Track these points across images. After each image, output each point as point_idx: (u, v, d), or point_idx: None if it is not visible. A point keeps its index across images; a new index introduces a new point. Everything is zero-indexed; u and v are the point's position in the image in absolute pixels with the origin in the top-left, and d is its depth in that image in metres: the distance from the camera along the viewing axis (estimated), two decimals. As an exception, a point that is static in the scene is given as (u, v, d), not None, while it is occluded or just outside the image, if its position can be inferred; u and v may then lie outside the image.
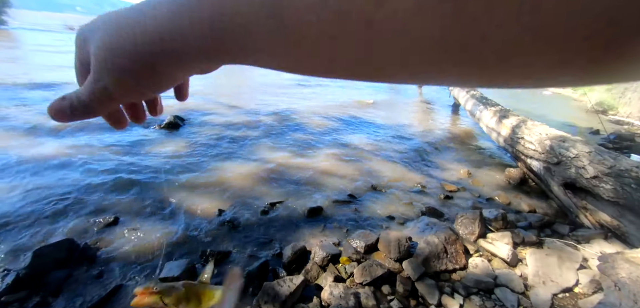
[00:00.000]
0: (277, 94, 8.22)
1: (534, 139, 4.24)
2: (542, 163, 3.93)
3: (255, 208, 2.93)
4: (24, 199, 2.63)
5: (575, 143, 3.62)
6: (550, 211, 3.70)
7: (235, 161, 3.89)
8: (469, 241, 2.64)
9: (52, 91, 5.72)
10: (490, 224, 2.93)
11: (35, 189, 2.77)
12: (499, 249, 2.44)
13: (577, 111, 16.27)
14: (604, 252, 2.47)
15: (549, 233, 3.00)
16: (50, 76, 6.94)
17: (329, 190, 3.48)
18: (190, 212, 2.75)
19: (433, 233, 2.49)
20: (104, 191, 2.89)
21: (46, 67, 8.17)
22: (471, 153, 5.74)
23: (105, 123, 0.37)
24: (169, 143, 4.15)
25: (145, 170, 3.35)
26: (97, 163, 3.35)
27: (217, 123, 5.16)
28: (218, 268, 2.17)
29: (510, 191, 4.16)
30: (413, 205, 3.38)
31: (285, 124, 5.66)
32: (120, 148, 3.78)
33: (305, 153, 4.48)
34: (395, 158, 4.83)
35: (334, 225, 2.85)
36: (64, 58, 9.27)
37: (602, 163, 3.09)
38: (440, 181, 4.15)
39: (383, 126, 6.67)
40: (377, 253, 2.39)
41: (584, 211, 3.17)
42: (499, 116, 5.52)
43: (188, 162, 3.65)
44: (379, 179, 3.94)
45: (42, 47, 11.56)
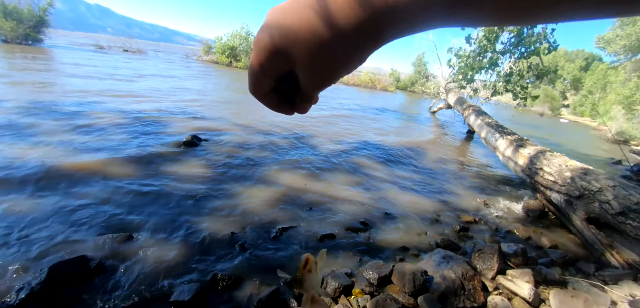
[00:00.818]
0: (290, 119, 8.34)
1: (553, 170, 4.12)
2: (563, 195, 3.80)
3: (267, 232, 2.91)
4: (44, 212, 2.70)
5: (598, 175, 3.50)
6: (573, 247, 3.53)
7: (249, 183, 3.92)
8: (487, 277, 2.53)
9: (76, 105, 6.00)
10: (510, 259, 2.81)
11: (54, 203, 2.84)
12: (519, 287, 2.33)
13: (597, 141, 15.79)
14: (634, 295, 2.32)
15: (572, 272, 2.85)
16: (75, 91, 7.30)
17: (342, 216, 3.44)
18: (203, 233, 2.76)
19: (449, 267, 2.41)
20: (120, 208, 2.94)
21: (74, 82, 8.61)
22: (487, 182, 5.61)
23: (122, 140, 0.39)
24: (186, 161, 4.23)
25: (162, 188, 3.40)
26: (113, 179, 3.44)
27: (232, 143, 5.25)
28: (228, 293, 2.15)
29: (529, 224, 4.00)
30: (427, 235, 3.29)
31: (298, 147, 5.70)
32: (137, 165, 3.87)
33: (317, 177, 4.47)
34: (409, 185, 4.76)
35: (346, 252, 2.80)
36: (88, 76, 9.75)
37: (628, 198, 2.96)
38: (456, 211, 4.05)
39: (396, 151, 6.63)
40: (391, 286, 2.31)
41: (611, 249, 3.01)
42: (516, 145, 5.41)
43: (203, 182, 3.70)
44: (393, 207, 3.87)
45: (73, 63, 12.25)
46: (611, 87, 28.19)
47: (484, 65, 7.81)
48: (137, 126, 5.39)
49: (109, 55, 18.90)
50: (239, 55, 26.20)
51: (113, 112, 6.00)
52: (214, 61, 26.28)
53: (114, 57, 18.03)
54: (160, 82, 10.87)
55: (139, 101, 7.30)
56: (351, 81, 28.50)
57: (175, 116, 6.51)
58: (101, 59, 15.63)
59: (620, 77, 27.75)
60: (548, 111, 33.18)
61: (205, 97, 9.33)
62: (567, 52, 42.62)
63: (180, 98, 8.49)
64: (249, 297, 2.13)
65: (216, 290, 2.16)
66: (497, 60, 7.96)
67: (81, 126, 4.92)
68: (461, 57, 8.07)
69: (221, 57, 25.86)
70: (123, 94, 7.83)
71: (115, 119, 5.58)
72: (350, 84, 27.54)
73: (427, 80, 27.83)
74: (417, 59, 30.94)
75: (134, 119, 5.72)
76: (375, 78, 29.28)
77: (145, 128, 5.34)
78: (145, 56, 23.30)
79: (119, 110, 6.20)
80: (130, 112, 6.13)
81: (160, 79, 11.67)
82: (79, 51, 18.81)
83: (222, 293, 2.15)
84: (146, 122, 5.70)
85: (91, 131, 4.80)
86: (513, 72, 8.22)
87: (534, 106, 32.20)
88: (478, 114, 8.50)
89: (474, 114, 8.77)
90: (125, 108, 6.41)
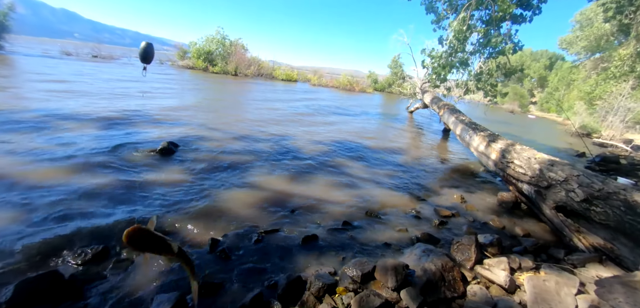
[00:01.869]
0: (271, 123, 8.27)
1: (523, 163, 4.32)
2: (533, 186, 3.99)
3: (248, 237, 2.86)
4: (9, 226, 2.52)
5: (563, 166, 3.71)
6: (544, 234, 3.72)
7: (229, 188, 3.84)
8: (465, 267, 2.61)
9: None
10: (486, 249, 2.92)
11: (22, 217, 2.66)
12: (496, 275, 2.42)
13: (562, 135, 16.76)
14: (600, 276, 2.47)
15: (544, 258, 3.00)
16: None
17: (324, 217, 3.44)
18: (182, 241, 2.67)
19: (430, 260, 2.46)
20: (93, 220, 2.79)
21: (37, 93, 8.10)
22: (463, 177, 5.80)
23: (90, 150, 0.36)
24: (162, 169, 4.08)
25: (137, 198, 3.26)
26: (85, 189, 3.26)
27: (210, 149, 5.13)
28: (210, 300, 2.09)
29: (503, 215, 4.18)
30: (408, 231, 3.36)
31: (278, 150, 5.66)
32: (111, 174, 3.70)
33: (299, 179, 4.46)
34: (389, 183, 4.84)
35: (329, 252, 2.80)
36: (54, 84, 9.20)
37: (591, 186, 3.15)
38: (434, 206, 4.16)
39: (376, 151, 6.73)
40: (374, 282, 2.33)
41: (578, 234, 3.19)
42: (488, 140, 5.64)
43: (181, 189, 3.58)
44: (374, 206, 3.92)
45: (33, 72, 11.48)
46: (574, 84, 30.06)
47: (455, 64, 8.11)
48: (107, 134, 5.15)
49: (77, 62, 17.97)
50: (215, 59, 25.72)
51: (79, 120, 5.70)
52: (189, 66, 25.63)
53: (81, 63, 17.16)
54: (132, 88, 10.46)
55: (108, 108, 6.97)
56: (330, 84, 28.70)
57: (149, 123, 6.28)
58: (67, 65, 14.84)
59: (581, 75, 29.64)
60: (517, 108, 34.86)
61: (181, 103, 9.07)
62: (532, 52, 45.01)
63: (154, 104, 8.20)
64: (231, 302, 2.08)
65: (198, 297, 2.09)
66: (467, 59, 8.28)
67: (44, 136, 4.64)
68: (434, 58, 8.33)
69: (197, 62, 25.29)
70: (90, 101, 7.46)
71: (82, 128, 5.30)
72: (329, 86, 27.73)
73: (404, 81, 28.50)
74: (393, 61, 31.62)
75: (102, 128, 5.46)
76: (354, 80, 29.64)
77: (116, 136, 5.11)
78: (115, 61, 22.34)
79: (87, 118, 5.90)
80: (98, 121, 5.85)
81: (132, 85, 11.23)
82: (43, 58, 17.74)
83: (204, 300, 2.09)
84: (117, 130, 5.46)
85: (55, 140, 4.53)
86: (483, 71, 8.59)
87: (505, 104, 33.77)
88: (452, 112, 8.80)
89: (448, 112, 9.07)
90: (94, 116, 6.11)
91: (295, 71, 30.82)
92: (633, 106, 17.38)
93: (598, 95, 20.71)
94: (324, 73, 32.76)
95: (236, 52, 25.99)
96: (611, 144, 14.31)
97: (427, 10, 8.64)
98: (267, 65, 28.77)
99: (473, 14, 7.71)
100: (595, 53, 28.42)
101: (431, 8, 8.56)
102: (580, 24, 29.51)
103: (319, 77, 30.36)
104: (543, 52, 44.69)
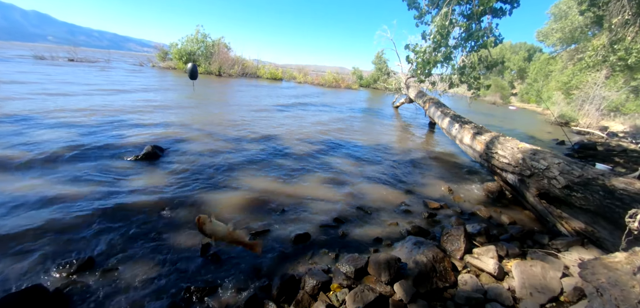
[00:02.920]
0: (258, 120, 8.19)
1: (507, 153, 4.44)
2: (517, 175, 4.11)
3: (240, 239, 2.83)
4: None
5: (545, 154, 3.83)
6: (529, 221, 3.84)
7: (217, 190, 3.78)
8: (455, 257, 2.67)
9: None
10: (475, 239, 2.99)
11: (5, 229, 2.54)
12: (485, 263, 2.48)
13: (543, 124, 17.32)
14: (583, 259, 2.57)
15: (530, 244, 3.09)
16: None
17: (315, 215, 3.44)
18: (171, 248, 2.61)
19: (421, 252, 2.50)
20: (78, 230, 2.69)
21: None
22: (450, 169, 5.92)
23: (71, 159, 0.34)
24: (148, 175, 3.98)
25: (123, 205, 3.17)
26: (69, 199, 3.14)
27: (197, 151, 5.03)
28: (205, 305, 2.06)
29: (490, 205, 4.29)
30: (399, 224, 3.40)
31: (266, 149, 5.61)
32: (94, 182, 3.57)
33: (288, 178, 4.44)
34: (378, 178, 4.89)
35: (322, 250, 2.80)
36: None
37: (571, 173, 3.27)
38: (423, 199, 4.23)
39: (364, 147, 6.77)
40: (367, 277, 2.35)
41: (560, 220, 3.31)
42: (473, 132, 5.76)
43: (168, 194, 3.50)
44: (364, 201, 3.95)
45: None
46: (552, 75, 31.10)
47: (439, 59, 8.24)
48: (87, 141, 4.97)
49: (49, 66, 17.22)
50: (197, 60, 25.22)
51: (57, 128, 5.48)
52: (171, 67, 25.05)
53: (53, 67, 16.47)
54: (112, 92, 10.13)
55: (86, 114, 6.74)
56: (316, 81, 28.66)
57: (132, 127, 6.11)
58: (39, 70, 14.21)
59: (558, 66, 30.67)
60: (499, 100, 35.77)
61: (164, 105, 8.85)
62: (511, 44, 46.29)
63: (135, 108, 7.98)
64: (225, 306, 2.05)
65: (190, 303, 2.06)
66: (450, 54, 8.43)
67: (21, 145, 4.44)
68: (418, 53, 8.44)
69: (178, 63, 24.75)
70: (68, 107, 7.18)
71: (61, 136, 5.10)
72: (315, 84, 27.68)
73: (389, 76, 28.77)
74: (377, 57, 31.83)
75: (82, 135, 5.27)
76: (339, 77, 29.68)
77: (96, 142, 4.94)
78: (92, 64, 21.55)
79: (65, 125, 5.68)
80: (77, 128, 5.64)
81: (110, 89, 10.87)
82: (13, 62, 16.91)
83: (198, 305, 2.05)
84: (98, 136, 5.28)
85: (33, 149, 4.34)
86: (466, 65, 8.76)
87: (487, 96, 34.60)
88: (438, 106, 8.95)
89: (433, 106, 9.22)
90: (72, 123, 5.89)
91: (280, 70, 30.58)
92: (607, 94, 18.13)
93: (574, 85, 21.50)
94: (309, 71, 32.62)
95: (219, 51, 25.55)
96: (588, 132, 14.89)
97: (409, 6, 8.73)
98: (251, 64, 28.42)
99: (454, 8, 7.84)
100: (571, 44, 29.46)
101: (413, 4, 8.66)
102: (555, 17, 30.51)
103: (304, 75, 30.24)
104: (522, 45, 45.99)
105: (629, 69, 16.61)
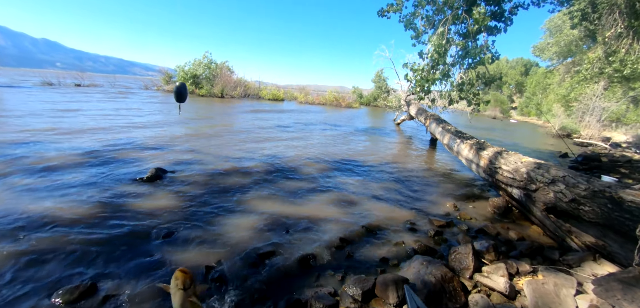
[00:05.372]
0: (260, 140, 8.23)
1: (510, 168, 4.42)
2: (522, 190, 4.07)
3: (244, 262, 2.79)
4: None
5: (549, 168, 3.80)
6: (538, 237, 3.77)
7: (221, 211, 3.75)
8: (464, 276, 2.61)
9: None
10: (483, 256, 2.93)
11: (5, 253, 2.51)
12: (495, 283, 2.42)
13: (544, 137, 17.30)
14: (596, 274, 2.50)
15: (540, 260, 3.02)
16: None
17: (320, 235, 3.40)
18: (172, 273, 2.57)
19: (429, 272, 2.45)
20: (80, 255, 2.66)
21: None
22: (454, 185, 5.88)
23: (73, 181, 0.34)
24: (152, 197, 3.97)
25: (126, 229, 3.14)
26: (70, 222, 3.12)
27: (201, 172, 5.03)
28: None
29: (496, 221, 4.23)
30: (405, 243, 3.34)
31: (269, 170, 5.61)
32: (98, 205, 3.56)
33: (292, 198, 4.41)
34: (383, 196, 4.85)
35: (328, 272, 2.75)
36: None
37: (577, 186, 3.23)
38: (429, 216, 4.18)
39: (367, 165, 6.76)
40: (375, 300, 2.29)
41: (570, 234, 3.25)
42: (476, 148, 5.76)
43: (171, 217, 3.48)
44: (369, 220, 3.90)
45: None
46: (550, 88, 31.34)
47: (438, 77, 8.34)
48: (90, 164, 4.99)
49: (58, 91, 17.55)
50: (201, 82, 25.71)
51: (62, 151, 5.52)
52: (175, 91, 25.54)
53: (62, 93, 16.78)
54: (117, 115, 10.26)
55: (90, 137, 6.80)
56: (317, 101, 28.99)
57: (136, 150, 6.14)
58: (48, 96, 14.47)
59: (556, 79, 30.95)
60: (499, 114, 35.95)
61: (168, 128, 8.94)
62: (508, 60, 47.00)
63: (140, 131, 8.05)
64: None
65: None
66: (448, 71, 8.54)
67: (27, 170, 4.46)
68: (416, 71, 8.56)
69: (183, 85, 25.27)
70: (72, 131, 7.26)
71: (65, 159, 5.13)
72: (316, 104, 27.98)
73: (388, 94, 29.05)
74: (377, 76, 32.29)
75: (86, 158, 5.30)
76: (340, 96, 30.04)
77: (99, 165, 4.96)
78: (99, 89, 21.94)
79: (69, 148, 5.72)
80: (81, 150, 5.68)
81: (115, 112, 11.02)
82: (23, 89, 17.25)
83: (200, 334, 1.99)
84: (101, 159, 5.31)
85: (37, 173, 4.36)
86: (464, 81, 8.86)
87: (487, 110, 34.80)
88: (438, 123, 8.98)
89: (434, 122, 9.26)
90: (76, 146, 5.93)
91: (281, 90, 31.03)
92: (607, 105, 18.18)
93: (573, 97, 21.61)
94: (310, 90, 33.09)
95: (222, 74, 26.07)
96: (591, 143, 14.85)
97: (405, 27, 8.92)
98: (253, 85, 28.90)
99: (450, 28, 8.00)
100: (567, 58, 29.85)
101: (410, 25, 8.85)
102: (550, 31, 31.08)
103: (305, 95, 30.64)
104: (518, 60, 46.66)
105: (626, 80, 16.74)
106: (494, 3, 7.46)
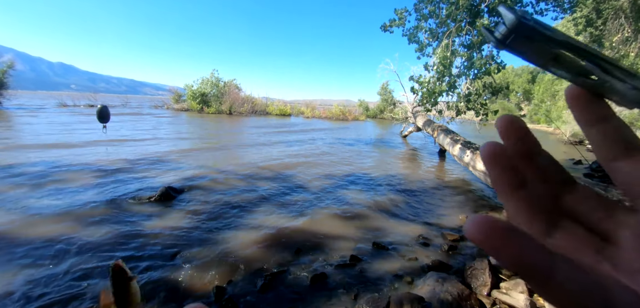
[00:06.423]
0: (269, 156, 8.27)
1: (524, 178, 4.32)
2: (537, 201, 3.97)
3: (255, 282, 2.76)
4: (9, 287, 2.39)
5: (564, 178, 3.71)
6: (555, 249, 3.65)
7: (231, 230, 3.75)
8: (482, 293, 2.53)
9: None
10: (501, 272, 2.84)
11: (19, 276, 2.54)
12: (515, 300, 2.34)
13: (556, 144, 16.99)
14: (620, 290, 2.40)
15: (559, 275, 2.92)
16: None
17: (331, 252, 3.35)
18: (183, 294, 2.56)
19: (445, 290, 2.38)
20: (89, 276, 2.67)
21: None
22: (466, 197, 5.78)
23: (83, 200, 0.34)
24: (162, 217, 3.99)
25: (136, 250, 3.16)
26: (81, 244, 3.15)
27: (211, 191, 5.06)
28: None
29: (511, 233, 4.11)
30: (418, 259, 3.27)
31: (278, 186, 5.61)
32: (107, 226, 3.60)
33: (302, 215, 4.39)
34: (393, 210, 4.79)
35: (340, 290, 2.70)
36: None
37: (595, 196, 3.14)
38: (441, 230, 4.10)
39: (376, 179, 6.71)
40: (390, 319, 2.23)
41: (589, 247, 3.14)
42: (486, 158, 5.67)
43: (182, 237, 3.48)
44: (380, 236, 3.85)
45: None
46: (559, 94, 30.97)
47: (444, 89, 8.33)
48: (100, 183, 5.07)
49: (72, 113, 18.07)
50: (209, 100, 26.20)
51: (73, 169, 5.63)
52: (184, 109, 26.08)
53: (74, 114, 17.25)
54: (127, 134, 10.47)
55: (101, 155, 6.93)
56: (324, 115, 29.18)
57: (146, 168, 6.23)
58: (61, 117, 14.89)
59: (564, 85, 30.66)
60: (508, 123, 35.60)
61: (178, 146, 9.06)
62: (513, 68, 46.86)
63: (150, 149, 8.18)
64: None
65: None
66: (454, 82, 8.52)
67: (39, 187, 4.55)
68: (422, 84, 8.56)
69: (192, 104, 25.79)
70: (82, 149, 7.42)
71: (76, 177, 5.23)
72: (323, 118, 28.15)
73: (395, 106, 29.09)
74: (382, 88, 32.43)
75: (96, 176, 5.39)
76: (346, 110, 30.19)
77: (110, 184, 5.04)
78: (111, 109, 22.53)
79: (79, 166, 5.83)
80: (91, 169, 5.78)
81: (127, 131, 11.25)
82: (40, 111, 17.81)
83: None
84: (111, 178, 5.39)
85: (49, 191, 4.44)
86: (471, 92, 8.82)
87: (495, 120, 34.51)
88: (447, 133, 8.91)
89: (442, 133, 9.19)
90: (85, 164, 6.04)
91: (288, 106, 31.35)
92: (619, 110, 17.84)
93: (583, 103, 21.23)
94: (316, 105, 33.36)
95: (230, 91, 26.55)
96: (604, 150, 14.47)
97: (409, 40, 8.98)
98: (260, 102, 29.29)
99: (454, 40, 8.03)
100: (575, 64, 29.53)
101: (414, 38, 8.91)
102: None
103: (312, 109, 30.87)
104: (524, 68, 46.43)
105: (638, 84, 16.42)
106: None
